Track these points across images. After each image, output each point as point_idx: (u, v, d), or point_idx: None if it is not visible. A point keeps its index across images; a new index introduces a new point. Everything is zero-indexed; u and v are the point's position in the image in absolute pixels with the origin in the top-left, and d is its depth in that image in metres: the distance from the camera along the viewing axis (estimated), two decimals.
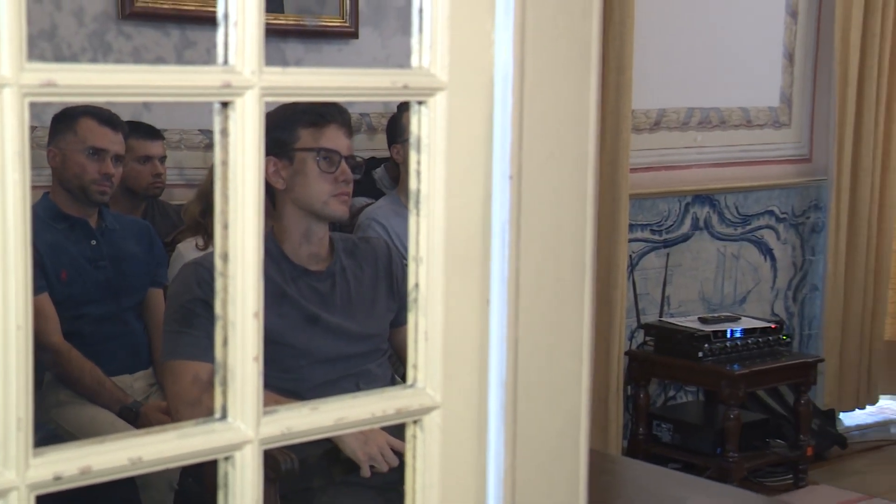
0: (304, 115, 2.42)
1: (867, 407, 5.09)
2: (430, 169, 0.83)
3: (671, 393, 4.67)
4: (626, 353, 4.39)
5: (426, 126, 0.83)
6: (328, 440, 2.35)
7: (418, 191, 0.84)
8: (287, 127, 2.41)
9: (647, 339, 4.46)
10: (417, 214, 0.84)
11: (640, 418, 4.39)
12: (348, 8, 3.72)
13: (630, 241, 4.41)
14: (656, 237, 4.57)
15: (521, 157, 0.88)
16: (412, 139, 0.83)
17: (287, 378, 2.39)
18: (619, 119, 4.16)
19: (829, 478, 4.47)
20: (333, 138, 2.43)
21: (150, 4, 3.42)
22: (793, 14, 4.84)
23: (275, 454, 2.25)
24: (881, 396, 5.13)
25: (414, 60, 0.83)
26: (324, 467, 2.40)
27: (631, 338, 4.50)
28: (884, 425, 5.15)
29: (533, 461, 0.92)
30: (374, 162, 3.64)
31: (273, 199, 2.48)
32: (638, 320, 4.52)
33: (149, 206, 3.46)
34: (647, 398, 4.40)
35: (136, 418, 2.90)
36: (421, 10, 0.82)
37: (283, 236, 2.48)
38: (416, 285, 0.85)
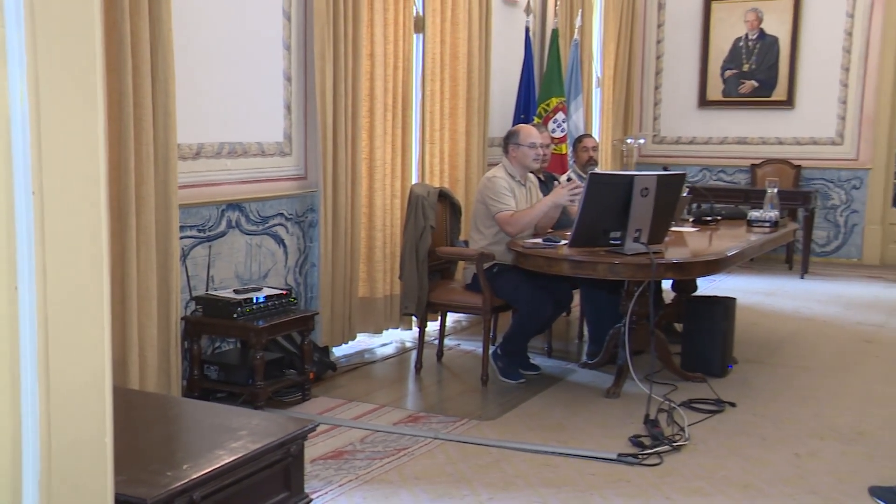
0: None
1: (349, 342, 5.33)
2: None
3: (217, 344, 4.58)
4: (182, 318, 4.23)
5: None
6: None
7: None
8: None
9: (198, 307, 4.33)
10: None
11: (195, 364, 4.26)
12: None
13: (182, 237, 4.25)
14: (202, 234, 4.45)
15: (42, 177, 0.80)
16: None
17: None
18: (168, 150, 3.98)
19: (325, 391, 4.63)
20: None
21: None
22: (289, 79, 4.93)
23: None
24: (358, 334, 5.40)
25: None
26: None
27: (186, 307, 4.34)
28: (360, 353, 5.41)
29: (65, 406, 0.84)
30: None
31: None
32: (190, 294, 4.37)
33: None
34: (199, 349, 4.28)
35: None
36: None
37: None
38: None
